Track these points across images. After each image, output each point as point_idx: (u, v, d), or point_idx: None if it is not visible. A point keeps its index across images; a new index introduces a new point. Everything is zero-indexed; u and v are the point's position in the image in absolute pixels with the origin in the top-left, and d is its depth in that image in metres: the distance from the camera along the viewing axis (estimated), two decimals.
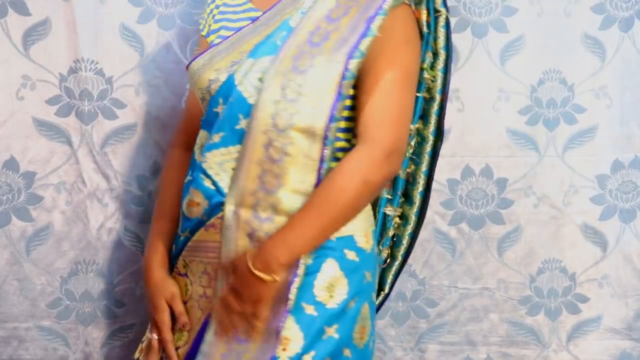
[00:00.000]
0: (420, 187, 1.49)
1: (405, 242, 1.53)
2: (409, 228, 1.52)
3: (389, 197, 1.51)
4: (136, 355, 1.62)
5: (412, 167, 1.50)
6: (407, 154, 1.49)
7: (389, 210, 1.49)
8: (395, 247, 1.54)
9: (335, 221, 1.34)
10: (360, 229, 1.39)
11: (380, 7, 1.32)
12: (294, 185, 1.32)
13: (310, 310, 1.34)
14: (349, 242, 1.37)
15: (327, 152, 1.31)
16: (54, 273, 2.01)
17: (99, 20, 1.94)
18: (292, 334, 1.33)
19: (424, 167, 1.49)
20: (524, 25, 2.05)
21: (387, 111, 1.31)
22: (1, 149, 1.94)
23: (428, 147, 1.48)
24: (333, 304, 1.34)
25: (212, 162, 1.44)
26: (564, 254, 2.16)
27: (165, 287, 1.53)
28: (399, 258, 1.54)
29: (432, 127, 1.47)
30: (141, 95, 1.98)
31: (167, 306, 1.50)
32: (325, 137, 1.31)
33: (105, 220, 2.01)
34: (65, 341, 2.04)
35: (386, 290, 1.57)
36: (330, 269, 1.35)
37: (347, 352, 1.35)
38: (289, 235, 1.32)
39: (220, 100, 1.45)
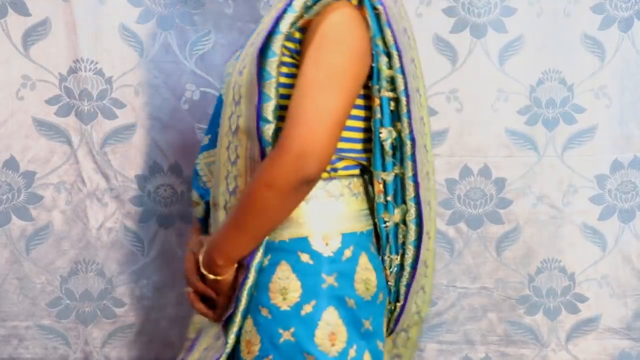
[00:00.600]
0: (411, 194, 1.41)
1: (409, 252, 1.45)
2: (410, 237, 1.44)
3: (384, 202, 1.46)
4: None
5: (401, 171, 1.44)
6: (389, 158, 1.40)
7: (385, 217, 1.45)
8: (403, 257, 1.50)
9: (251, 225, 1.31)
10: (318, 231, 1.34)
11: (289, 4, 1.28)
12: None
13: (265, 312, 1.33)
14: (303, 244, 1.34)
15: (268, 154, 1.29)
16: (54, 272, 2.02)
17: (99, 20, 1.94)
18: (253, 337, 1.34)
19: (409, 173, 1.39)
20: (523, 26, 2.05)
21: (300, 112, 1.24)
22: (1, 149, 1.95)
23: (408, 152, 1.38)
24: (286, 306, 1.32)
25: (203, 163, 1.51)
26: (563, 253, 2.16)
27: (193, 240, 1.54)
28: (407, 268, 1.46)
29: (406, 130, 1.37)
30: (141, 95, 1.99)
31: (192, 255, 1.46)
32: (260, 139, 1.29)
33: (105, 220, 2.02)
34: (66, 340, 2.05)
35: (401, 302, 1.49)
36: (283, 272, 1.34)
37: (310, 359, 1.31)
38: (220, 239, 1.34)
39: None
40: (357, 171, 1.41)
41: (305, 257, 1.34)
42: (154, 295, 2.07)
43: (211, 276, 1.35)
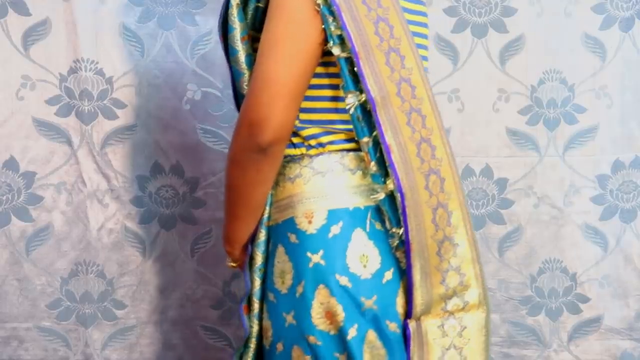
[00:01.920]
0: (386, 160, 1.31)
1: (402, 224, 1.33)
2: (399, 207, 1.32)
3: (373, 172, 1.35)
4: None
5: (371, 138, 1.32)
6: (362, 123, 1.31)
7: (377, 187, 1.33)
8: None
9: (231, 203, 1.35)
10: (301, 209, 1.33)
11: None
12: None
13: (272, 297, 1.34)
14: (290, 224, 1.33)
15: None
16: (54, 273, 2.00)
17: (99, 20, 1.94)
18: (267, 324, 1.36)
19: (379, 137, 1.31)
20: (524, 26, 2.06)
21: (252, 83, 1.25)
22: (1, 149, 1.94)
23: (372, 113, 1.30)
24: (285, 289, 1.33)
25: None
26: (565, 254, 2.16)
27: None
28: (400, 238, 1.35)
29: (365, 93, 1.30)
30: (141, 95, 1.98)
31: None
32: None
33: (106, 221, 2.00)
34: (66, 342, 2.03)
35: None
36: (280, 255, 1.34)
37: (312, 339, 1.30)
38: (223, 227, 1.41)
39: None
40: (351, 145, 1.36)
41: (293, 238, 1.33)
42: (155, 297, 2.06)
43: (230, 264, 1.43)
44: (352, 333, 1.30)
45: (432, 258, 1.35)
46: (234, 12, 1.31)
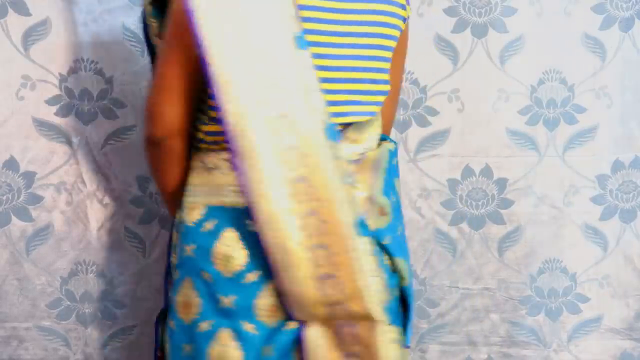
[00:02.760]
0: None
1: None
2: None
3: None
4: None
5: None
6: None
7: None
8: None
9: (157, 183, 1.51)
10: (188, 201, 1.40)
11: None
12: None
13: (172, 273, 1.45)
14: (180, 212, 1.42)
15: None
16: (54, 273, 2.00)
17: (100, 20, 1.94)
18: None
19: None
20: (524, 25, 2.05)
21: (151, 82, 1.38)
22: (1, 149, 1.93)
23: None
24: (172, 269, 1.43)
25: None
26: (565, 254, 2.16)
27: None
28: None
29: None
30: (141, 95, 1.97)
31: None
32: None
33: (106, 221, 2.01)
34: (66, 342, 2.04)
35: None
36: (174, 238, 1.44)
37: (172, 324, 1.39)
38: None
39: None
40: None
41: (180, 226, 1.41)
42: (155, 296, 2.05)
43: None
44: (203, 327, 1.35)
45: (302, 265, 1.30)
46: (147, 10, 1.44)
